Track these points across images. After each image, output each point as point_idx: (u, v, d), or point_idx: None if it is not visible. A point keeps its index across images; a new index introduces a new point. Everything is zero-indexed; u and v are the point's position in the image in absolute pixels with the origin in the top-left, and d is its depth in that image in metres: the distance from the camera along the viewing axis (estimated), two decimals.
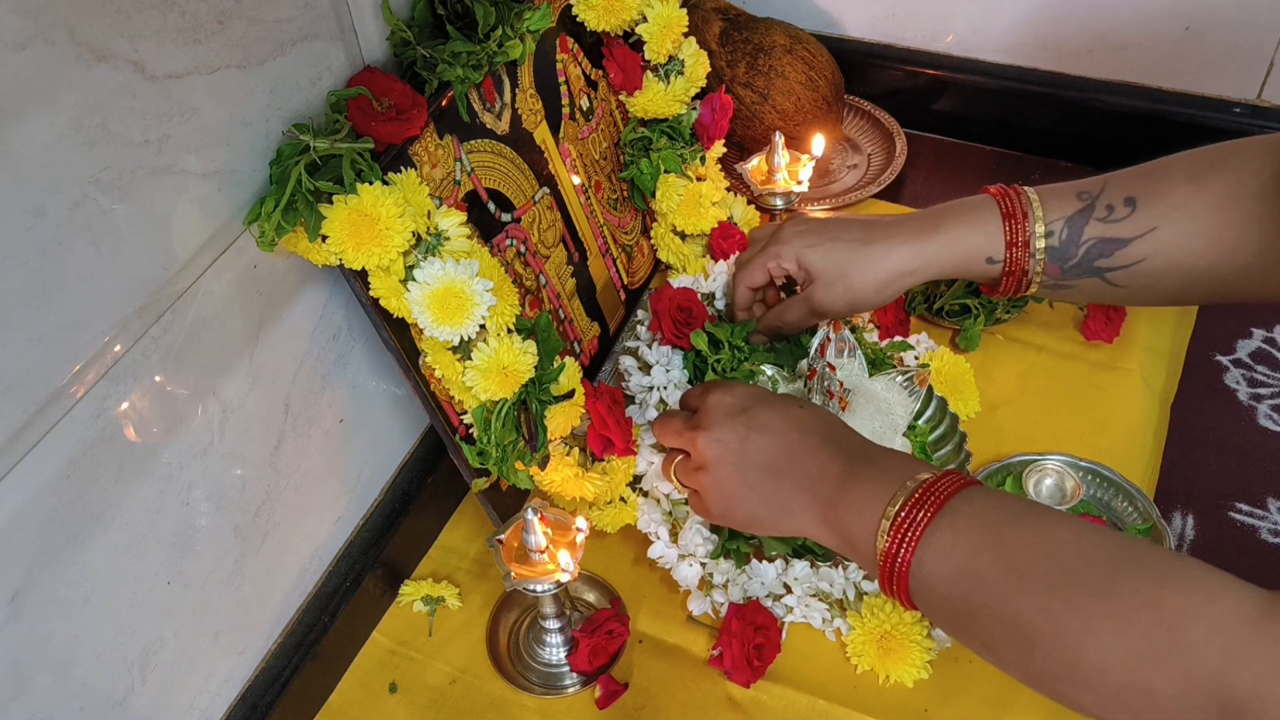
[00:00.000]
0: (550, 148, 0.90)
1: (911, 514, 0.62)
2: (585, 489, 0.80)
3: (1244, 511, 0.87)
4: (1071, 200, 0.79)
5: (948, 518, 0.61)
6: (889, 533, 0.63)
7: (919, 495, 0.63)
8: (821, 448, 0.69)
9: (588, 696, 0.80)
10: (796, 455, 0.69)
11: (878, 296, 0.82)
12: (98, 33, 0.53)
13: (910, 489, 0.63)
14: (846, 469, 0.67)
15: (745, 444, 0.70)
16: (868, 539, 0.64)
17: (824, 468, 0.68)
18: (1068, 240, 0.79)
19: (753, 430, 0.71)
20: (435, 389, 0.76)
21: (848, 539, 0.66)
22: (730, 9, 1.17)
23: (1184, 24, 1.09)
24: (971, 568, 0.60)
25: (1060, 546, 0.59)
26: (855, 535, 0.65)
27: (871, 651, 0.79)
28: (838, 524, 0.67)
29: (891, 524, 0.63)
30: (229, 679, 0.76)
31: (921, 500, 0.62)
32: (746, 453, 0.70)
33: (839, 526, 0.67)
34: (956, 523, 0.61)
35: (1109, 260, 0.78)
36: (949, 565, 0.60)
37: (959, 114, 1.23)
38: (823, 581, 0.81)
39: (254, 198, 0.67)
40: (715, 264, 0.95)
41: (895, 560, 0.62)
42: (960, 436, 0.88)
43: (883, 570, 0.63)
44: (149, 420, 0.63)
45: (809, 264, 0.82)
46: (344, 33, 0.71)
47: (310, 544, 0.81)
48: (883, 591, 0.65)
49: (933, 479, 0.63)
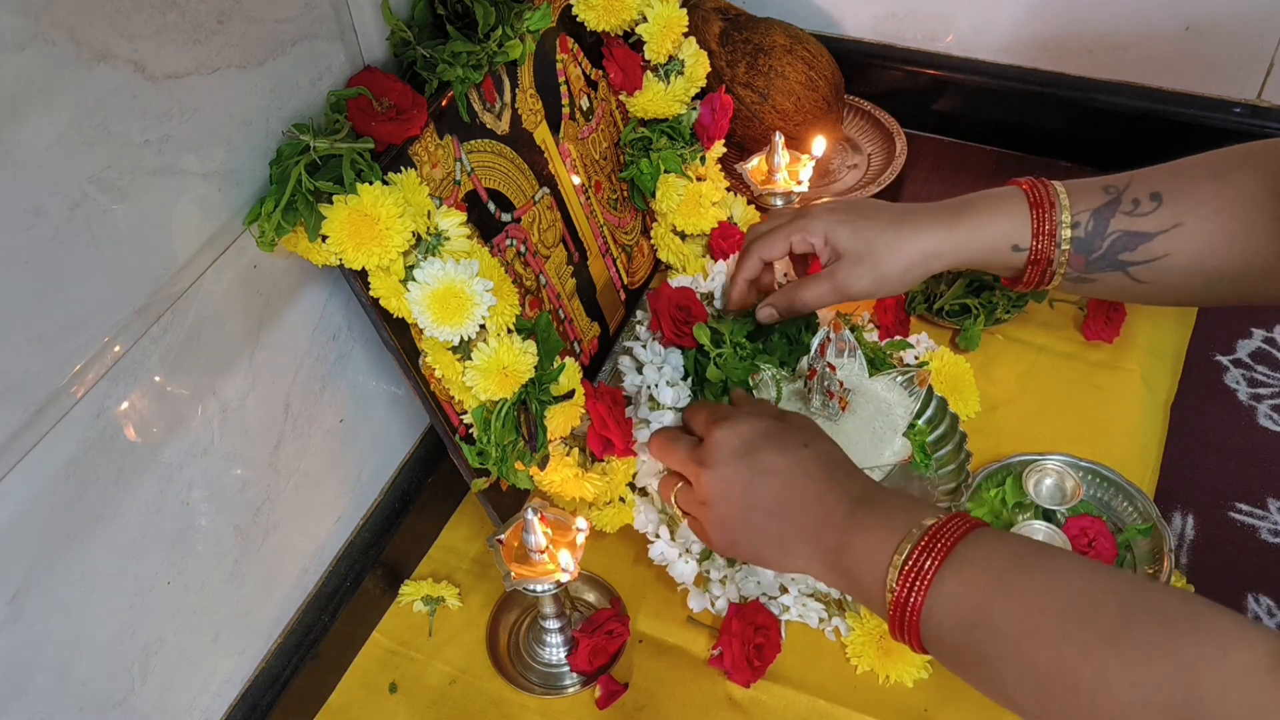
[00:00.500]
0: (550, 148, 0.90)
1: (919, 561, 0.62)
2: (585, 489, 0.80)
3: (1244, 511, 0.87)
4: (1098, 193, 0.79)
5: (956, 564, 0.61)
6: (898, 581, 0.62)
7: (926, 542, 0.62)
8: (826, 493, 0.69)
9: (588, 696, 0.80)
10: (801, 499, 0.69)
11: (903, 279, 0.81)
12: (98, 33, 0.53)
13: (916, 536, 0.63)
14: (851, 514, 0.67)
15: (750, 487, 0.70)
16: (876, 586, 0.64)
17: (829, 513, 0.68)
18: (1093, 232, 0.79)
19: (757, 473, 0.70)
20: (435, 389, 0.76)
21: (855, 584, 0.66)
22: (730, 9, 1.17)
23: (1184, 24, 1.09)
24: (983, 618, 0.59)
25: (1070, 592, 0.58)
26: (863, 582, 0.65)
27: (871, 652, 0.79)
28: (844, 569, 0.67)
29: (900, 572, 0.62)
30: (229, 679, 0.76)
31: (929, 546, 0.62)
32: (751, 494, 0.70)
33: (845, 572, 0.67)
34: (965, 571, 0.61)
35: (1133, 254, 0.78)
36: (960, 614, 0.60)
37: (959, 114, 1.23)
38: (819, 582, 0.81)
39: (254, 198, 0.67)
40: (714, 264, 0.95)
41: (905, 608, 0.62)
42: (960, 436, 0.88)
43: (893, 618, 0.63)
44: (149, 420, 0.63)
45: (837, 240, 0.81)
46: (344, 33, 0.71)
47: (310, 544, 0.81)
48: (892, 637, 0.65)
49: (938, 524, 0.63)
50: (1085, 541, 0.81)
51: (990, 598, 0.59)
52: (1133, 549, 0.84)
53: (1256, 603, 0.82)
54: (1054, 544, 0.82)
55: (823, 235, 0.81)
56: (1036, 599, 0.58)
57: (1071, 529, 0.82)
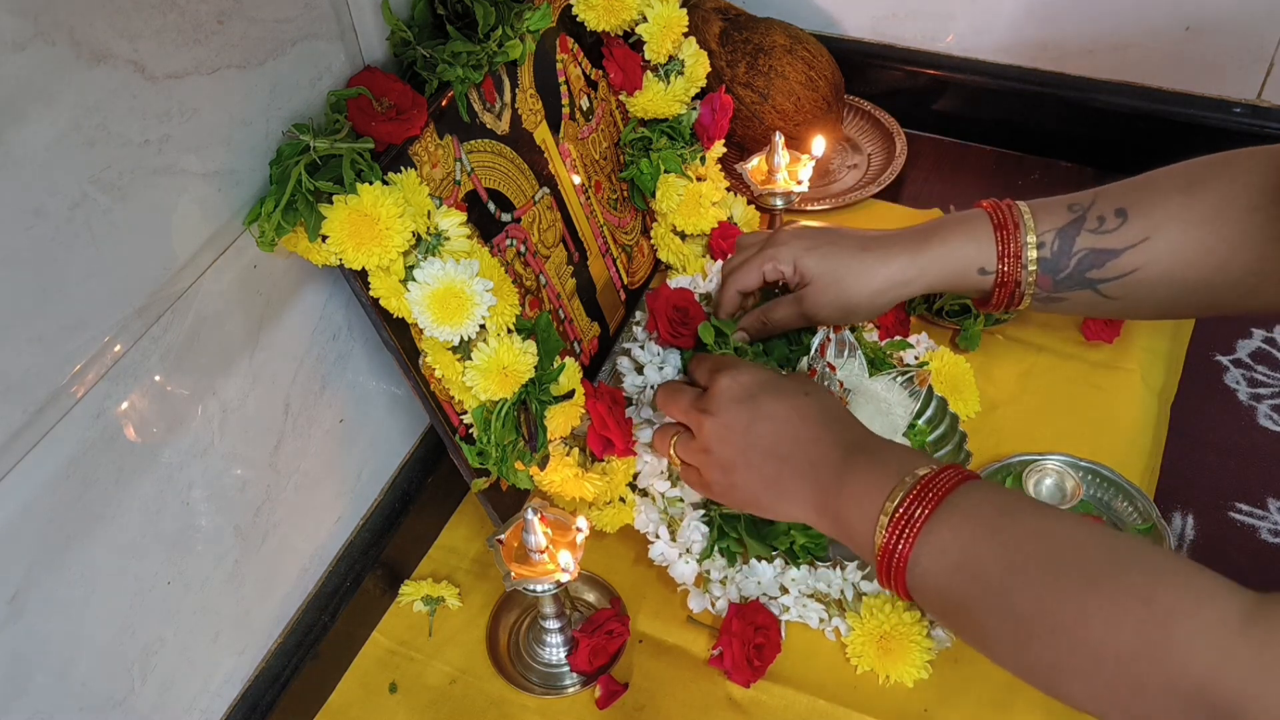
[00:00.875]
0: (550, 148, 0.90)
1: (910, 510, 0.63)
2: (585, 489, 0.80)
3: (1244, 511, 0.87)
4: (1063, 212, 0.80)
5: (946, 513, 0.62)
6: (887, 528, 0.63)
7: (918, 491, 0.63)
8: (823, 437, 0.70)
9: (587, 697, 0.80)
10: (799, 442, 0.70)
11: (869, 305, 0.83)
12: (98, 33, 0.53)
13: (909, 484, 0.64)
14: (845, 460, 0.68)
15: (749, 429, 0.71)
16: (866, 532, 0.65)
17: (824, 456, 0.69)
18: (1059, 251, 0.79)
19: (758, 418, 0.71)
20: (435, 389, 0.76)
21: (845, 529, 0.67)
22: (730, 9, 1.17)
23: (1184, 24, 1.09)
24: (969, 562, 0.60)
25: (1057, 540, 0.59)
26: (853, 527, 0.66)
27: (871, 652, 0.79)
28: (835, 514, 0.68)
29: (890, 519, 0.63)
30: (229, 679, 0.76)
31: (920, 496, 0.63)
32: (750, 436, 0.71)
33: (837, 516, 0.68)
34: (954, 518, 0.62)
35: (1101, 271, 0.79)
36: (946, 560, 0.61)
37: (959, 114, 1.23)
38: (820, 582, 0.81)
39: (254, 198, 0.67)
40: (714, 264, 0.95)
41: (893, 555, 0.63)
42: (960, 436, 0.88)
43: (880, 564, 0.64)
44: (149, 420, 0.63)
45: (805, 267, 0.83)
46: (344, 33, 0.71)
47: (310, 544, 0.81)
48: (880, 584, 0.66)
49: (931, 474, 0.64)
50: None
51: (977, 543, 0.60)
52: None
53: None
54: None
55: (791, 263, 0.83)
56: (1023, 544, 0.59)
57: None
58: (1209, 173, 0.77)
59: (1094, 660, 0.55)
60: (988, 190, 1.16)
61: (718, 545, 0.81)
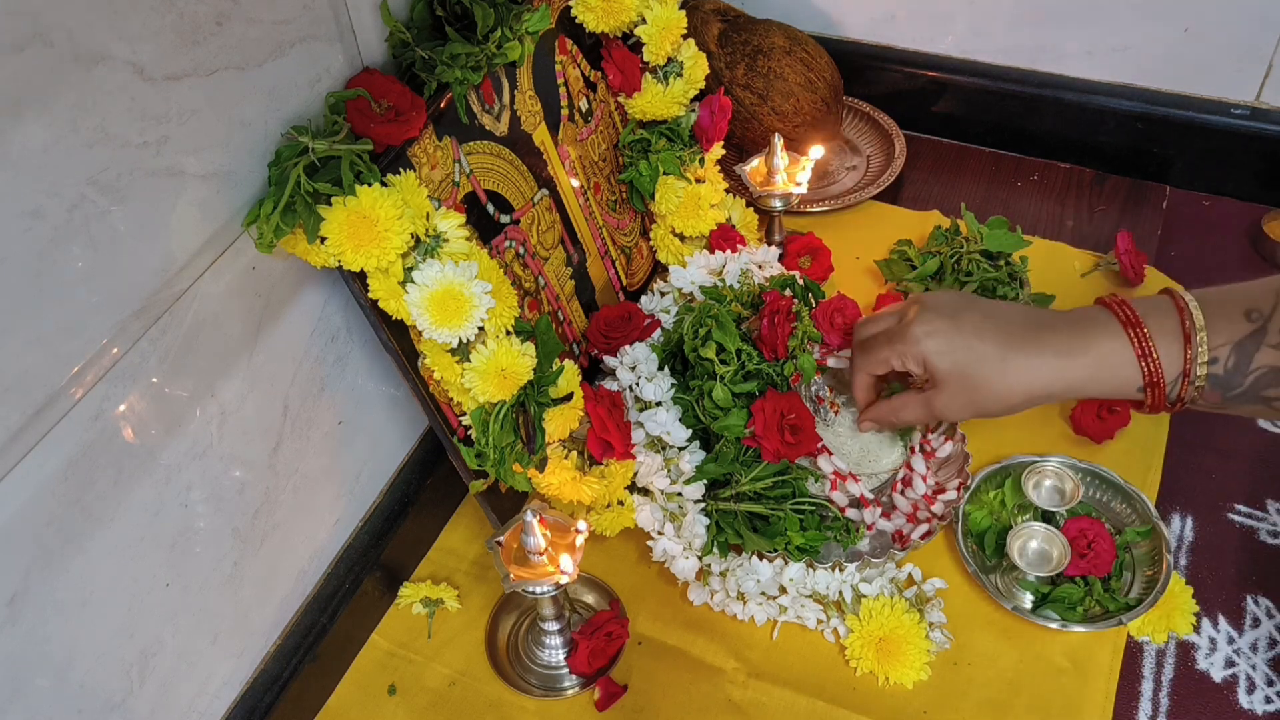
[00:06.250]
0: (549, 149, 0.90)
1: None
2: (583, 492, 0.80)
3: (1243, 513, 0.87)
4: (1240, 321, 0.68)
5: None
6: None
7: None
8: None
9: (587, 698, 0.80)
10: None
11: (1004, 412, 0.74)
12: (96, 34, 0.53)
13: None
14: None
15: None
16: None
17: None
18: (1234, 369, 0.68)
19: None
20: (434, 391, 0.76)
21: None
22: (729, 10, 1.17)
23: (1183, 25, 1.09)
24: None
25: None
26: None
27: (870, 654, 0.79)
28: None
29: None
30: (228, 681, 0.76)
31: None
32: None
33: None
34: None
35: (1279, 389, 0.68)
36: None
37: (958, 115, 1.23)
38: (818, 584, 0.81)
39: (252, 199, 0.67)
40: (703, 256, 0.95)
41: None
42: (960, 437, 0.88)
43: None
44: (147, 422, 0.63)
45: (936, 370, 0.74)
46: (343, 34, 0.71)
47: (309, 546, 0.81)
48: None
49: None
50: (1084, 543, 0.81)
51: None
52: (1132, 550, 0.84)
53: (1256, 604, 0.82)
54: (1053, 546, 0.82)
55: (920, 363, 0.75)
56: None
57: (1070, 530, 0.82)
58: None
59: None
60: (987, 191, 1.17)
61: (716, 540, 0.81)
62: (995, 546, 0.84)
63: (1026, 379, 0.71)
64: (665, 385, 0.83)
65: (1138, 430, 0.93)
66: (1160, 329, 0.68)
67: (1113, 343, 0.69)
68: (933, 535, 0.84)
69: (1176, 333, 0.68)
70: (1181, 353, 0.68)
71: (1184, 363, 0.68)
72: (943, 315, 0.74)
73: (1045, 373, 0.71)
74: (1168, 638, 0.80)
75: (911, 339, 0.74)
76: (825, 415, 0.84)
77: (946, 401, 0.75)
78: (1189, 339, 0.68)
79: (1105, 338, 0.70)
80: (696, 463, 0.81)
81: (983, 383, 0.72)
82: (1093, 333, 0.70)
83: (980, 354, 0.72)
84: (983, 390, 0.73)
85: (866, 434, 0.85)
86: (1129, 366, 0.69)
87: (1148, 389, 0.69)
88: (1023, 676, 0.79)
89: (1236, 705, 0.77)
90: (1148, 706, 0.77)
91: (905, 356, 0.75)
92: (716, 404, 0.81)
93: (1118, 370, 0.69)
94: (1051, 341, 0.71)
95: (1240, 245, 1.09)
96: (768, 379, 0.83)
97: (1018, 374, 0.71)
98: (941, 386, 0.74)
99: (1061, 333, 0.71)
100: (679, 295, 0.93)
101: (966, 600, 0.83)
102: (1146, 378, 0.69)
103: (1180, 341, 0.68)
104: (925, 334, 0.74)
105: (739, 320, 0.86)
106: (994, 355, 0.72)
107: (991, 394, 0.73)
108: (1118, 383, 0.70)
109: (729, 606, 0.82)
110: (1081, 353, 0.70)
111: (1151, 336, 0.68)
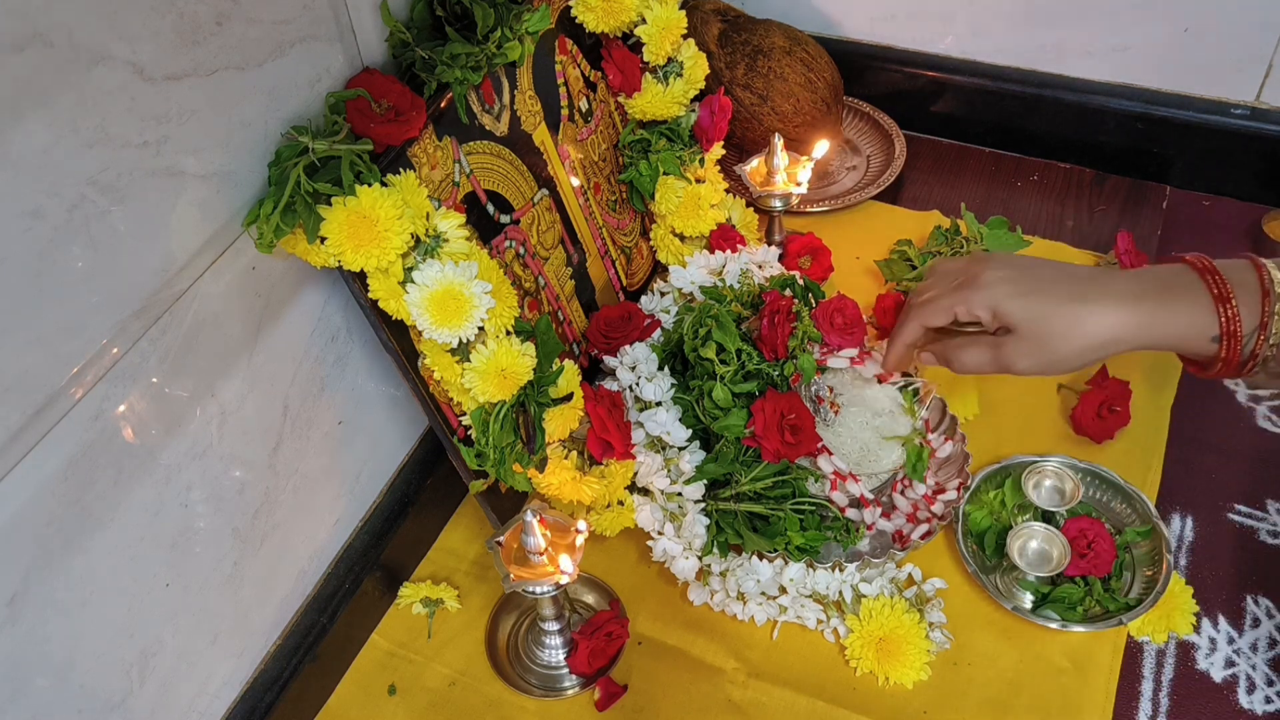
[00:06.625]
0: (549, 149, 0.90)
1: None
2: (583, 492, 0.80)
3: (1242, 513, 0.87)
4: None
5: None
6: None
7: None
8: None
9: (587, 698, 0.80)
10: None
11: (1076, 362, 0.72)
12: (96, 34, 0.53)
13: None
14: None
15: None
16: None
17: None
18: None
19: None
20: (434, 391, 0.76)
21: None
22: (729, 10, 1.17)
23: (1183, 25, 1.09)
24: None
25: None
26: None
27: (870, 654, 0.79)
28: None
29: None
30: (228, 681, 0.76)
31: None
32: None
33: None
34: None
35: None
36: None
37: (958, 115, 1.23)
38: (818, 584, 0.81)
39: (252, 199, 0.67)
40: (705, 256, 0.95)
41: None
42: (960, 437, 0.88)
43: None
44: (147, 422, 0.63)
45: (1008, 315, 0.72)
46: (343, 34, 0.71)
47: (309, 546, 0.81)
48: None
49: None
50: (1084, 543, 0.81)
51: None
52: (1132, 550, 0.84)
53: (1255, 604, 0.82)
54: (1053, 546, 0.82)
55: (989, 309, 0.73)
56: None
57: (1070, 530, 0.82)
58: None
59: None
60: (987, 191, 1.17)
61: (716, 540, 0.81)
62: (995, 546, 0.84)
63: (1098, 326, 0.69)
64: (665, 385, 0.83)
65: (1138, 430, 0.93)
66: (1240, 282, 0.67)
67: (1190, 290, 0.68)
68: (933, 535, 0.84)
69: (1255, 287, 0.66)
70: (1259, 306, 0.66)
71: (1261, 314, 0.66)
72: (1014, 266, 0.73)
73: (1117, 318, 0.69)
74: (1168, 638, 0.80)
75: (983, 284, 0.73)
76: (825, 415, 0.84)
77: (1016, 351, 0.72)
78: (1268, 294, 0.66)
79: (1181, 285, 0.68)
80: (696, 463, 0.81)
81: (1056, 331, 0.70)
82: (1170, 281, 0.69)
83: (1054, 301, 0.70)
84: (1055, 339, 0.71)
85: (866, 434, 0.85)
86: (1205, 313, 0.67)
87: (1224, 339, 0.66)
88: (1023, 676, 0.79)
89: (1236, 705, 0.77)
90: (1148, 706, 0.77)
91: (974, 304, 0.73)
92: (716, 404, 0.81)
93: (1195, 316, 0.67)
94: (1124, 290, 0.70)
95: (1240, 245, 1.09)
96: (768, 379, 0.83)
97: (1092, 321, 0.69)
98: (1014, 335, 0.72)
99: (1135, 281, 0.70)
100: (679, 295, 0.93)
101: (966, 600, 0.83)
102: (1223, 326, 0.66)
103: (1259, 295, 0.66)
104: (998, 279, 0.72)
105: (739, 320, 0.86)
106: (1067, 304, 0.70)
107: (1064, 343, 0.71)
108: (1194, 330, 0.68)
109: (729, 606, 0.82)
110: (1156, 298, 0.69)
111: (1231, 286, 0.66)
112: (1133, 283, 0.70)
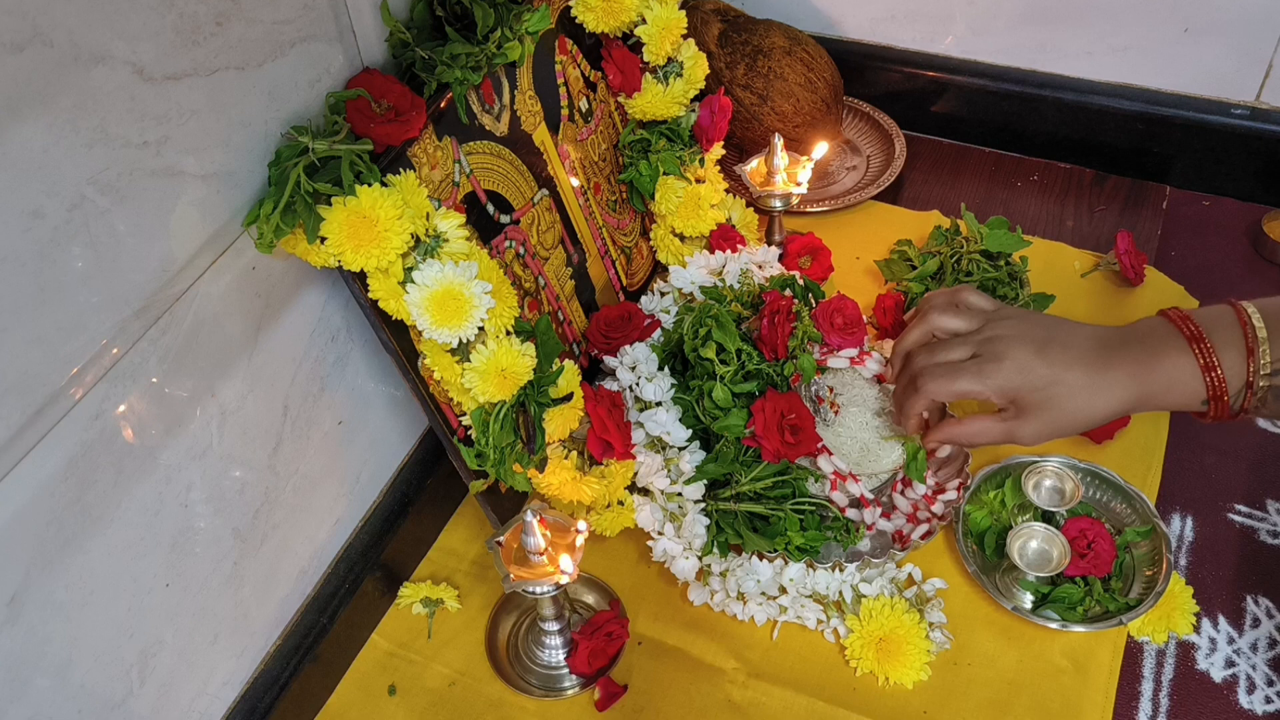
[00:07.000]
0: (549, 149, 0.90)
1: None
2: (583, 492, 0.80)
3: (1243, 513, 0.87)
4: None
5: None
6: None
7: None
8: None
9: (587, 699, 0.80)
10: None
11: (1079, 431, 0.76)
12: (96, 34, 0.53)
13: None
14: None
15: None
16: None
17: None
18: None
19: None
20: (434, 391, 0.76)
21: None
22: (729, 10, 1.17)
23: (1183, 25, 1.09)
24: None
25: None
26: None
27: (870, 654, 0.79)
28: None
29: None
30: (228, 681, 0.76)
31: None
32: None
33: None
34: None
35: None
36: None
37: (958, 116, 1.23)
38: (818, 584, 0.81)
39: (252, 199, 0.67)
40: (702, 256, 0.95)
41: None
42: None
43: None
44: (147, 422, 0.63)
45: (1025, 403, 0.74)
46: (343, 34, 0.71)
47: (309, 546, 0.81)
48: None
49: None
50: (1084, 543, 0.81)
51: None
52: (1132, 550, 0.84)
53: (1255, 604, 0.82)
54: (1053, 546, 0.82)
55: (1010, 397, 0.75)
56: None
57: (1070, 530, 0.82)
58: None
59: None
60: (987, 191, 1.17)
61: (716, 540, 0.81)
62: (995, 546, 0.84)
63: (1105, 400, 0.72)
64: (665, 385, 0.83)
65: (1138, 430, 0.93)
66: (1224, 342, 0.69)
67: (1179, 358, 0.70)
68: (933, 535, 0.84)
69: (1240, 345, 0.69)
70: (1244, 365, 0.68)
71: (1247, 374, 0.69)
72: (1028, 348, 0.74)
73: (1121, 391, 0.72)
74: (1168, 638, 0.80)
75: (1002, 374, 0.74)
76: (825, 415, 0.84)
77: (1027, 426, 0.75)
78: (1252, 352, 0.68)
79: (1172, 353, 0.71)
80: (696, 463, 0.81)
81: (1067, 409, 0.73)
82: (1160, 349, 0.71)
83: (1068, 384, 0.73)
84: (1066, 415, 0.73)
85: (866, 434, 0.85)
86: (1195, 380, 0.70)
87: (1211, 402, 0.70)
88: (1023, 676, 0.79)
89: (1236, 705, 0.77)
90: (1148, 706, 0.77)
91: (992, 390, 0.75)
92: (716, 404, 0.81)
93: (1186, 385, 0.70)
94: (1124, 362, 0.72)
95: (1240, 245, 1.09)
96: (768, 379, 0.83)
97: (1099, 397, 0.73)
98: (1027, 415, 0.74)
99: (1133, 350, 0.73)
100: (679, 295, 0.93)
101: (966, 600, 0.83)
102: (1210, 391, 0.69)
103: (1243, 354, 0.68)
104: (1018, 370, 0.74)
105: (739, 320, 0.86)
106: (1078, 383, 0.73)
107: (1074, 417, 0.74)
108: (1185, 396, 0.71)
109: (729, 606, 0.82)
110: (1151, 370, 0.71)
111: (1216, 350, 0.69)
112: (1132, 353, 0.73)
